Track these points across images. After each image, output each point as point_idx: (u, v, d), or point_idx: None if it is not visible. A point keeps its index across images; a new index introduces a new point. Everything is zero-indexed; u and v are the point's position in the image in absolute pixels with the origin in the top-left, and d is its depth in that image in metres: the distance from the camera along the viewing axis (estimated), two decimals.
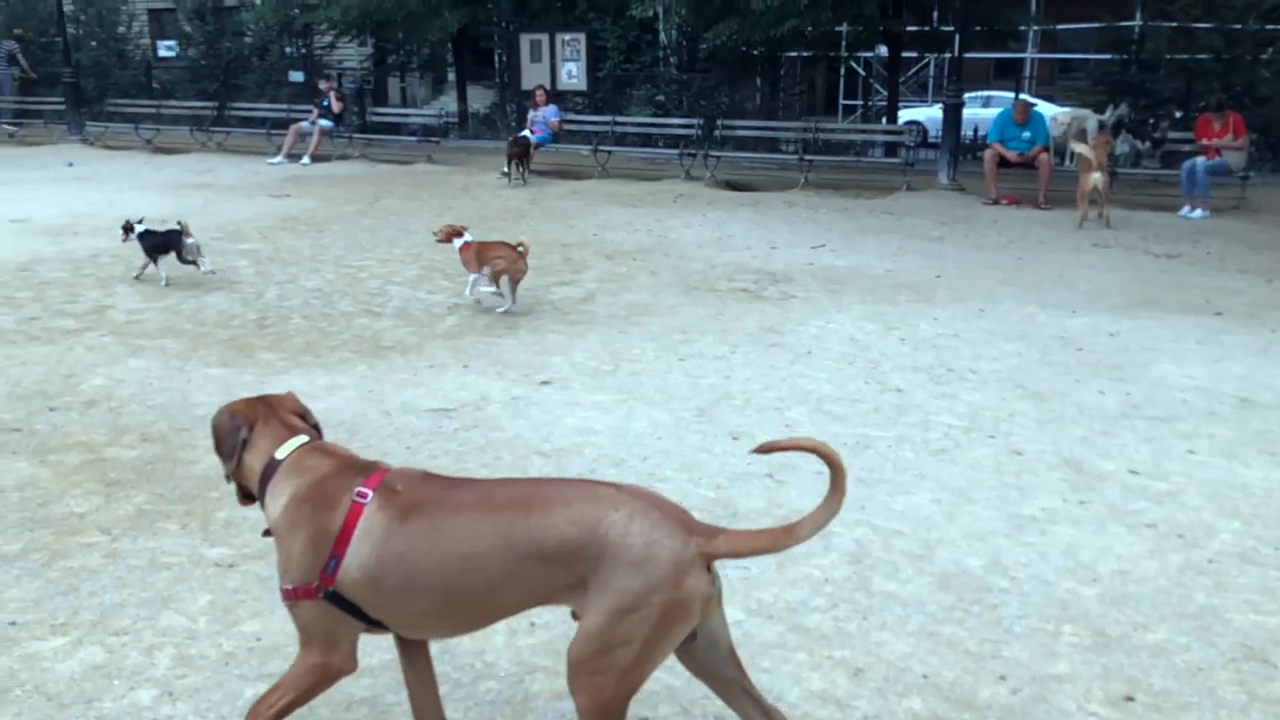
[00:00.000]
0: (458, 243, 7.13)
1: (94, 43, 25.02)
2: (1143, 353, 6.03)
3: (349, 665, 2.22)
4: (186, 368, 5.66)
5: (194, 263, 7.56)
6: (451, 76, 25.03)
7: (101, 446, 4.48)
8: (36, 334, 6.31)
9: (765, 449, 2.30)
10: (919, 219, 10.91)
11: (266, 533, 2.26)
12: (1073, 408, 5.10)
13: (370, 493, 2.14)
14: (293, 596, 2.15)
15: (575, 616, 2.15)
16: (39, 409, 4.95)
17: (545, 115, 15.01)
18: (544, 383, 5.46)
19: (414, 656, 2.42)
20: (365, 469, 2.23)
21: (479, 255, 6.94)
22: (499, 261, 6.84)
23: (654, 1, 15.43)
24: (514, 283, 6.95)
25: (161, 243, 7.54)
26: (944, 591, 3.33)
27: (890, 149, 15.72)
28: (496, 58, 21.35)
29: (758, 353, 6.02)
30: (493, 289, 6.96)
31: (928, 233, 10.16)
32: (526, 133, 14.37)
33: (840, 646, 3.01)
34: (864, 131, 16.72)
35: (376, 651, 2.77)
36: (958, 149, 13.46)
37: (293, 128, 16.04)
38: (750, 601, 3.25)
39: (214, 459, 4.34)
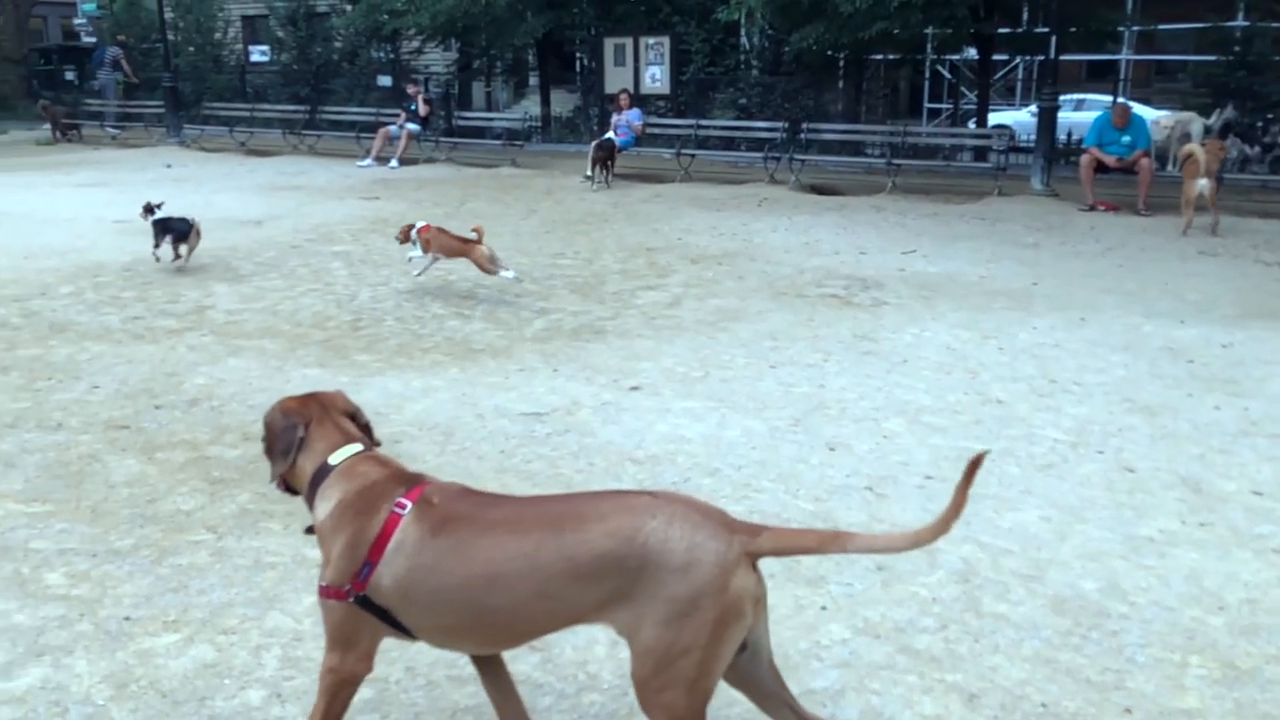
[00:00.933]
0: (415, 229, 7.78)
1: (191, 48, 25.88)
2: (1260, 366, 5.75)
3: (362, 668, 2.24)
4: (285, 368, 5.76)
5: (178, 250, 8.33)
6: (533, 80, 25.28)
7: (205, 445, 4.57)
8: (141, 333, 6.50)
9: (975, 466, 2.13)
10: (1012, 225, 10.62)
11: (309, 530, 2.30)
12: (1186, 423, 4.88)
13: (409, 504, 2.15)
14: (324, 595, 2.19)
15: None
16: (145, 407, 5.08)
17: (629, 119, 15.01)
18: (634, 388, 5.42)
19: (488, 667, 2.40)
20: (410, 481, 2.23)
21: (445, 247, 7.63)
22: (476, 255, 7.47)
23: (739, 5, 15.28)
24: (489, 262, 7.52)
25: (169, 228, 8.34)
26: (1059, 615, 3.20)
27: (979, 153, 15.36)
28: (579, 62, 21.47)
29: (851, 360, 5.90)
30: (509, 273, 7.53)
31: (1022, 239, 9.87)
32: (610, 135, 14.40)
33: (952, 670, 2.91)
34: (953, 135, 16.30)
35: None
36: (1052, 153, 13.08)
37: (381, 131, 16.33)
38: (856, 620, 3.16)
39: None
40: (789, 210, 11.58)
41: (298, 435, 2.29)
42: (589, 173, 13.69)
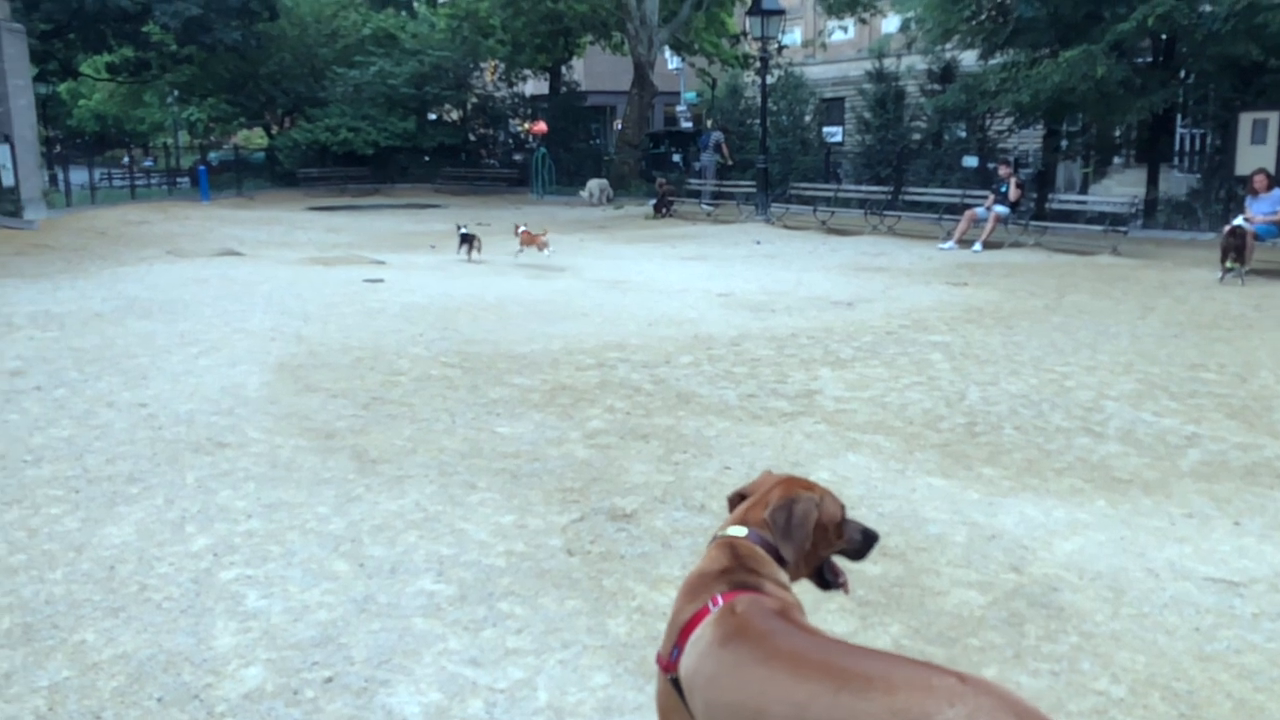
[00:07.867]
0: (520, 230, 14.58)
1: (778, 132, 27.78)
2: None
3: None
4: (906, 472, 5.39)
5: (470, 254, 14.41)
6: (1117, 159, 23.07)
7: None
8: (757, 413, 6.58)
9: None
10: None
11: None
12: None
13: (719, 603, 2.07)
14: (658, 661, 2.18)
15: None
16: None
17: (1268, 205, 12.79)
18: None
19: None
20: (739, 581, 2.12)
21: (527, 240, 14.33)
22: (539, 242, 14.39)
23: None
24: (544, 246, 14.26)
25: (464, 239, 14.52)
26: None
27: None
28: (1195, 139, 19.03)
29: None
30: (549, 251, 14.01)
31: None
32: (1242, 222, 12.37)
33: None
34: None
35: None
36: None
37: (968, 213, 15.85)
38: None
39: (969, 594, 3.92)
40: None
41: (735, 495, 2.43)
42: (1224, 262, 11.82)
